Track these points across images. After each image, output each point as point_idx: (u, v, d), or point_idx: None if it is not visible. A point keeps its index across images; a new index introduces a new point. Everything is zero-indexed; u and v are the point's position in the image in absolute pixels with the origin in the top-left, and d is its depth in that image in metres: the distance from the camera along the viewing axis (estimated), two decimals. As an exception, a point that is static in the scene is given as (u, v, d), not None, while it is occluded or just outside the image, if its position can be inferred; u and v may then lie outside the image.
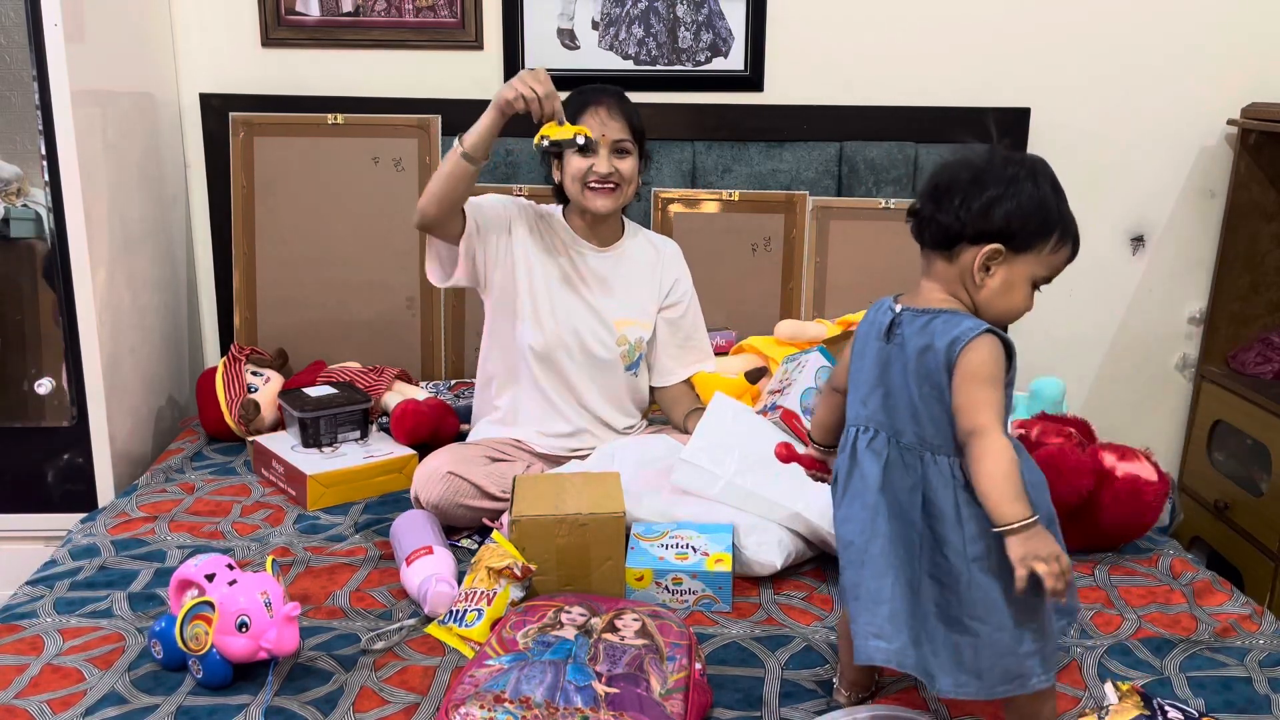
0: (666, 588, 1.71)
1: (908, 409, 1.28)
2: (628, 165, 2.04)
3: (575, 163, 2.02)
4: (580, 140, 1.93)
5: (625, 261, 2.16)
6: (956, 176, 1.27)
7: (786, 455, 1.48)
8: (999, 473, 1.20)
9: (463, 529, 1.96)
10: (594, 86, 2.09)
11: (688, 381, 2.29)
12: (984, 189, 1.25)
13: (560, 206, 2.16)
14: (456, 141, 1.92)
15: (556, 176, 2.11)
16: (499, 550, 1.67)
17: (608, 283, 2.13)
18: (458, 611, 1.62)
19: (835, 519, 1.37)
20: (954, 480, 1.27)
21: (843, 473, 1.35)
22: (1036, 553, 1.17)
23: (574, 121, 1.97)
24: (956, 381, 1.23)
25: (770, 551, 1.77)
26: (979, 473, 1.21)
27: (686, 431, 2.08)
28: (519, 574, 1.63)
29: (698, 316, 2.28)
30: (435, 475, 1.92)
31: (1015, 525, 1.18)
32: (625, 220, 2.18)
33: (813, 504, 1.79)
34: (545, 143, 1.89)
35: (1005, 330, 1.30)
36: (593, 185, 2.03)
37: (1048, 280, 1.31)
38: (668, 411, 2.28)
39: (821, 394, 1.51)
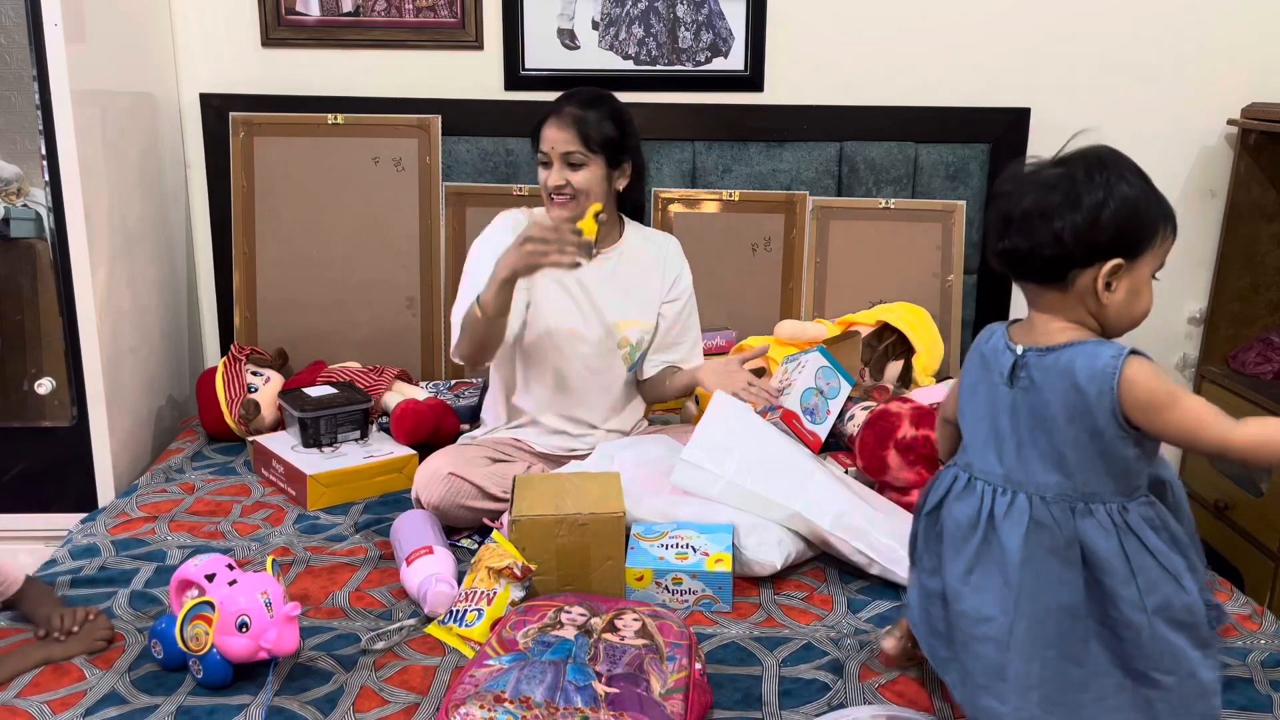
0: (666, 588, 1.71)
1: (1051, 459, 1.20)
2: (579, 177, 2.01)
3: (541, 174, 2.04)
4: (602, 217, 1.98)
5: (625, 262, 2.14)
6: (1044, 201, 1.18)
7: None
8: (1272, 440, 1.14)
9: (463, 529, 1.96)
10: (570, 92, 2.07)
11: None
12: (1079, 207, 1.17)
13: None
14: (475, 305, 1.89)
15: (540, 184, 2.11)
16: (499, 550, 1.67)
17: (607, 284, 2.12)
18: (458, 611, 1.62)
19: (957, 577, 1.27)
20: (1116, 529, 1.19)
21: (974, 534, 1.25)
22: None
23: (536, 133, 2.02)
24: (1146, 419, 1.15)
25: (770, 551, 1.77)
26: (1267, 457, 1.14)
27: (669, 389, 2.15)
28: (519, 574, 1.63)
29: (693, 314, 2.25)
30: (436, 476, 1.92)
31: None
32: (625, 220, 2.18)
33: (812, 504, 1.79)
34: (590, 241, 1.86)
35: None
36: (552, 197, 2.03)
37: (1160, 268, 1.23)
38: (649, 396, 2.25)
39: (937, 426, 1.46)
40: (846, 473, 2.08)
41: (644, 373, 2.21)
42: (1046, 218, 1.18)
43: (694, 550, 1.74)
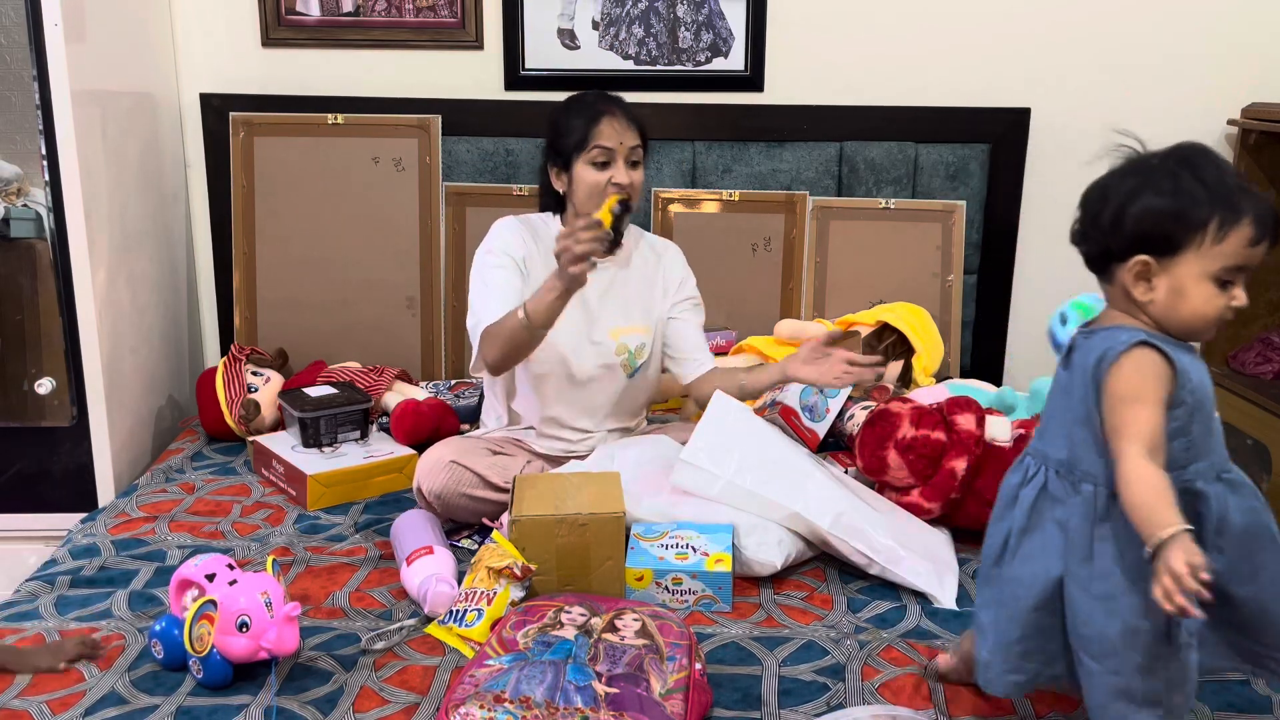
0: (666, 588, 1.71)
1: (1064, 434, 1.24)
2: (639, 175, 1.98)
3: (590, 176, 1.95)
4: (617, 209, 1.88)
5: (625, 269, 2.10)
6: (1090, 194, 1.21)
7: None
8: (1133, 503, 1.12)
9: (464, 524, 1.96)
10: (592, 94, 2.02)
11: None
12: (1107, 201, 1.18)
13: (556, 216, 2.09)
14: (522, 313, 1.81)
15: (560, 186, 2.02)
16: (499, 550, 1.67)
17: (606, 293, 2.07)
18: (458, 611, 1.62)
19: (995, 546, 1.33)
20: (1095, 511, 1.21)
21: (1011, 507, 1.32)
22: (1166, 562, 1.06)
23: (588, 131, 1.92)
24: (1104, 403, 1.17)
25: (770, 551, 1.77)
26: (1123, 503, 1.15)
27: (753, 387, 2.03)
28: (519, 574, 1.63)
29: (694, 314, 2.19)
30: (438, 465, 1.92)
31: (1153, 544, 1.08)
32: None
33: (812, 504, 1.79)
34: (609, 232, 1.79)
35: (1199, 342, 1.24)
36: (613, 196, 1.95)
37: (1242, 270, 1.19)
38: (705, 395, 2.07)
39: None
40: (846, 472, 2.08)
41: (684, 375, 2.14)
42: (1087, 209, 1.22)
43: (694, 550, 1.74)
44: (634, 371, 2.11)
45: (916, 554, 1.79)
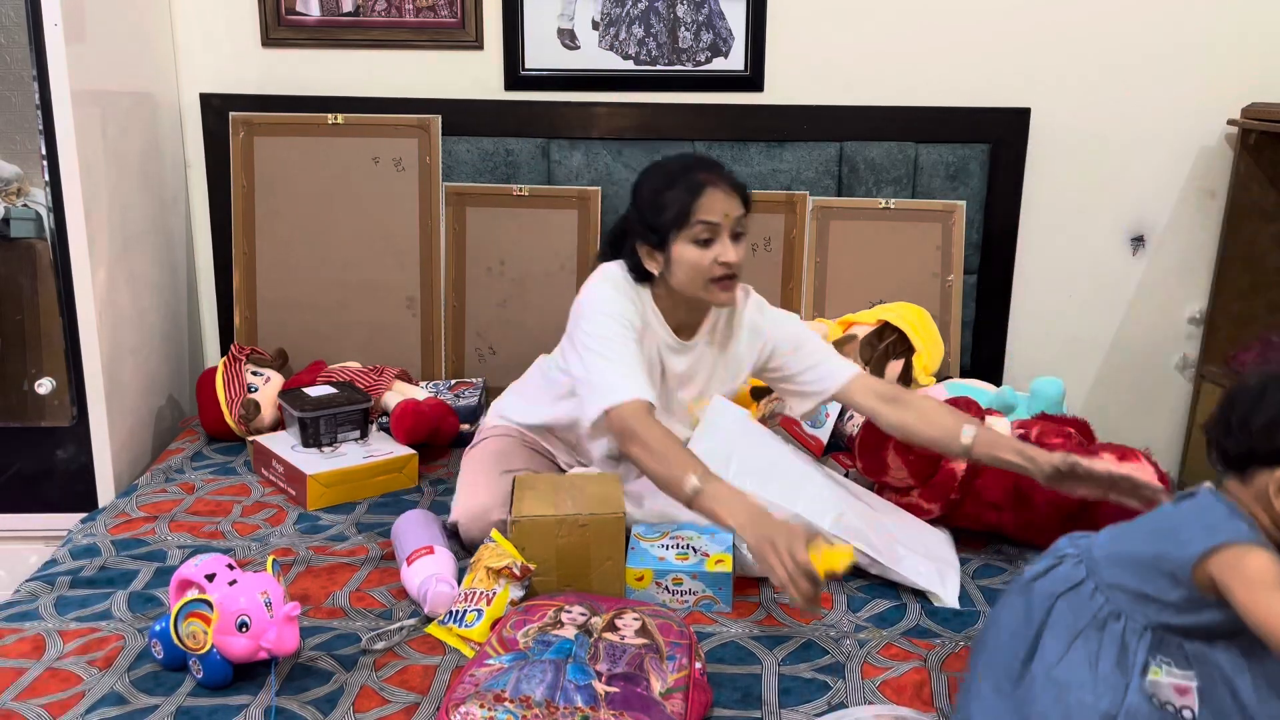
0: (666, 588, 1.71)
1: (1139, 567, 1.24)
2: (743, 249, 1.77)
3: (692, 255, 1.75)
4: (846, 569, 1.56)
5: (710, 347, 1.92)
6: (1244, 394, 1.20)
7: None
8: None
9: None
10: (687, 161, 1.81)
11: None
12: (1264, 406, 1.17)
13: (646, 287, 1.87)
14: (695, 478, 1.61)
15: (654, 267, 1.81)
16: (498, 550, 1.67)
17: (690, 374, 1.92)
18: (457, 612, 1.62)
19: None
20: (1094, 619, 1.24)
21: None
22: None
23: (689, 205, 1.71)
24: (1236, 594, 1.13)
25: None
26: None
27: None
28: (518, 574, 1.63)
29: (809, 342, 1.95)
30: (483, 520, 1.83)
31: None
32: None
33: (813, 505, 1.79)
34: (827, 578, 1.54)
35: None
36: (719, 277, 1.76)
37: None
38: (909, 426, 1.82)
39: None
40: (846, 474, 2.08)
41: (824, 390, 1.91)
42: (1235, 407, 1.21)
43: (694, 551, 1.74)
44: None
45: (918, 553, 1.79)
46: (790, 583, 1.47)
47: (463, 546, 1.88)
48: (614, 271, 1.87)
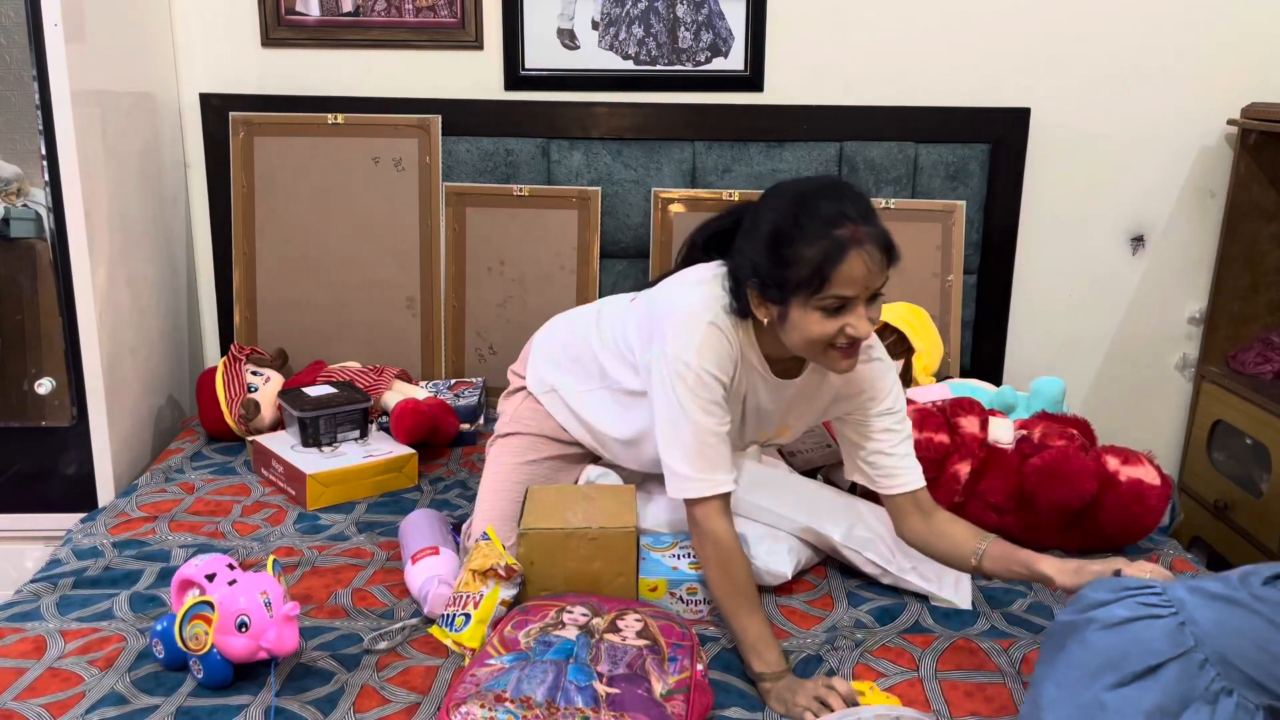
0: (681, 598, 1.68)
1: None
2: (878, 310, 1.50)
3: (816, 327, 1.47)
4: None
5: (801, 391, 1.70)
6: None
7: None
8: None
9: None
10: (834, 198, 1.46)
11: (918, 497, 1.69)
12: None
13: (747, 324, 1.59)
14: (758, 661, 1.50)
15: (763, 315, 1.53)
16: (486, 550, 1.63)
17: (777, 408, 1.71)
18: (449, 615, 1.61)
19: None
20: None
21: None
22: None
23: (828, 271, 1.42)
24: None
25: (781, 560, 1.75)
26: None
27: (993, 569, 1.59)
28: (503, 574, 1.59)
29: (901, 425, 1.70)
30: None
31: None
32: None
33: (823, 518, 1.80)
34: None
35: None
36: (841, 346, 1.50)
37: None
38: (931, 544, 1.66)
39: None
40: (853, 489, 2.08)
41: (880, 488, 1.69)
42: None
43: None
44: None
45: (927, 561, 1.78)
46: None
47: None
48: (715, 299, 1.57)
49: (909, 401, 2.03)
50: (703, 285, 1.59)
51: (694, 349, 1.54)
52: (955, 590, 1.75)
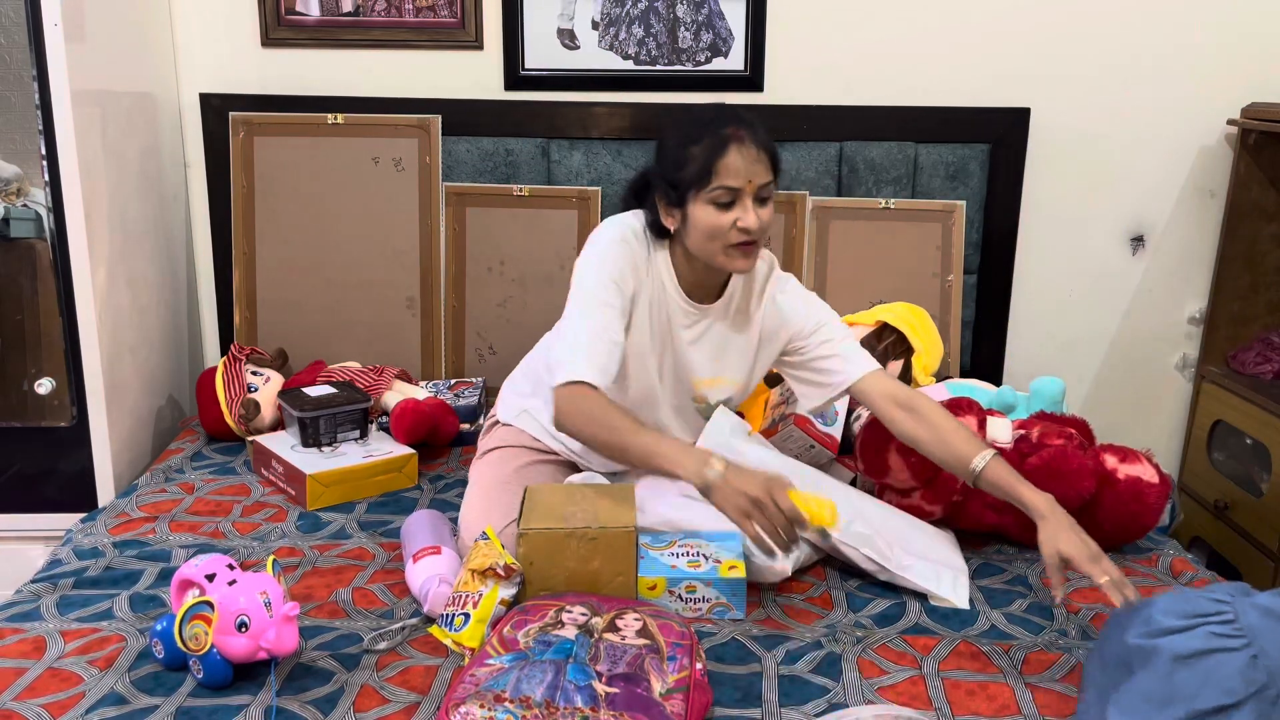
0: (680, 596, 1.68)
1: None
2: (769, 212, 1.66)
3: (709, 219, 1.64)
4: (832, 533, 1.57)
5: (723, 323, 1.83)
6: None
7: None
8: None
9: None
10: (715, 112, 1.68)
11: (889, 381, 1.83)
12: None
13: (664, 245, 1.78)
14: (708, 469, 1.57)
15: (671, 223, 1.72)
16: (485, 549, 1.64)
17: (698, 344, 1.82)
18: (448, 615, 1.61)
19: None
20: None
21: None
22: None
23: (710, 165, 1.61)
24: None
25: (780, 557, 1.75)
26: None
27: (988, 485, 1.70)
28: (502, 573, 1.59)
29: (835, 333, 1.85)
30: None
31: None
32: None
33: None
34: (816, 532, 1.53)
35: None
36: (736, 243, 1.66)
37: None
38: (910, 431, 1.78)
39: None
40: (855, 481, 2.08)
41: (838, 385, 1.82)
42: None
43: (706, 558, 1.71)
44: (709, 413, 1.92)
45: (925, 559, 1.78)
46: (775, 533, 1.50)
47: None
48: (628, 223, 1.76)
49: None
50: (619, 221, 1.79)
51: (600, 254, 1.73)
52: (953, 589, 1.75)
